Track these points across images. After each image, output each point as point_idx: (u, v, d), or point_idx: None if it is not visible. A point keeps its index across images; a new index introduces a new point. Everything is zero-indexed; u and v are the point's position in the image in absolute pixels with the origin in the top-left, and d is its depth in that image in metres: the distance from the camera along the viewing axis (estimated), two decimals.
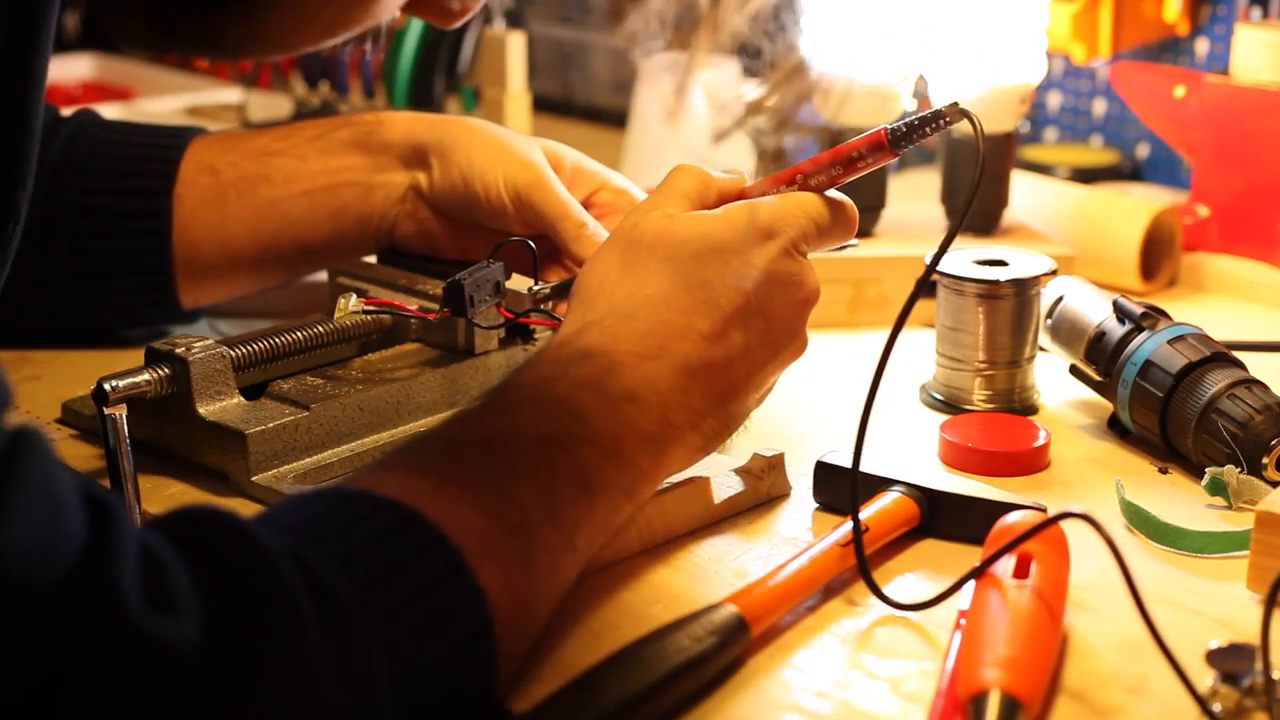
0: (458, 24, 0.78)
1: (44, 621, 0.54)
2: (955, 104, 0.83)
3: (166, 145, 1.10)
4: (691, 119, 0.68)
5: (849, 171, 0.87)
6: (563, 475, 0.75)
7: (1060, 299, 1.05)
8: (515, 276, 0.99)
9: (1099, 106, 1.57)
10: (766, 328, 0.83)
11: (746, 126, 0.73)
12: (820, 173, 0.87)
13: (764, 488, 0.91)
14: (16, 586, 0.54)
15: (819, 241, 0.86)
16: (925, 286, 0.82)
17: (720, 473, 0.90)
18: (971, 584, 0.76)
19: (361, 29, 0.72)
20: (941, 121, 0.83)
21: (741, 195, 0.88)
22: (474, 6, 0.77)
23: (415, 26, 1.58)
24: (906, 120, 0.84)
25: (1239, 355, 0.96)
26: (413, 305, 1.00)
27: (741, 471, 0.91)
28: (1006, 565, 0.76)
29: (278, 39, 0.72)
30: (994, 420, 0.99)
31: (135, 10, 0.69)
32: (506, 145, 1.06)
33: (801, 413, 1.03)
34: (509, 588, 0.69)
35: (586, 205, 1.06)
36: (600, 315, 0.82)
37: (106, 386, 0.89)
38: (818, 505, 0.91)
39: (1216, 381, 0.93)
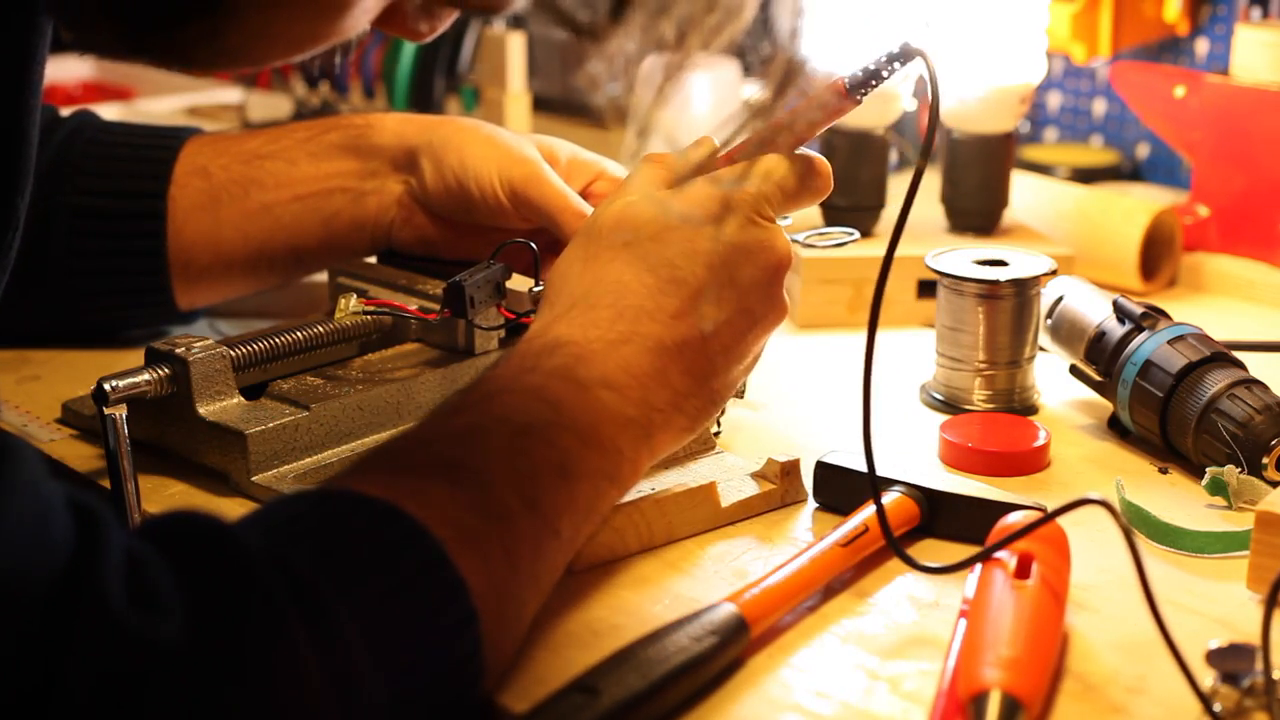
0: (426, 40, 0.78)
1: (32, 622, 0.55)
2: (907, 44, 0.81)
3: (161, 146, 1.10)
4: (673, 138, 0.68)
5: (812, 127, 0.85)
6: (540, 463, 0.75)
7: (1060, 299, 1.05)
8: (516, 277, 0.99)
9: (1099, 106, 1.57)
10: (740, 298, 0.82)
11: (746, 129, 0.73)
12: (782, 133, 0.85)
13: (778, 494, 0.90)
14: (5, 588, 0.55)
15: (786, 204, 0.85)
16: (899, 235, 0.81)
17: (734, 476, 0.90)
18: (974, 582, 0.76)
19: (329, 45, 0.72)
20: (896, 64, 0.81)
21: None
22: (440, 26, 0.76)
23: None
24: (863, 66, 0.82)
25: (1239, 355, 0.96)
26: (413, 305, 1.00)
27: (756, 476, 0.91)
28: (1008, 565, 0.76)
29: (244, 54, 0.71)
30: (994, 420, 0.99)
31: (101, 23, 0.69)
32: (499, 142, 1.05)
33: (801, 413, 1.03)
34: (491, 577, 0.69)
35: (584, 196, 1.05)
36: (566, 308, 0.81)
37: (106, 386, 0.89)
38: (818, 505, 0.91)
39: (1216, 381, 0.93)
